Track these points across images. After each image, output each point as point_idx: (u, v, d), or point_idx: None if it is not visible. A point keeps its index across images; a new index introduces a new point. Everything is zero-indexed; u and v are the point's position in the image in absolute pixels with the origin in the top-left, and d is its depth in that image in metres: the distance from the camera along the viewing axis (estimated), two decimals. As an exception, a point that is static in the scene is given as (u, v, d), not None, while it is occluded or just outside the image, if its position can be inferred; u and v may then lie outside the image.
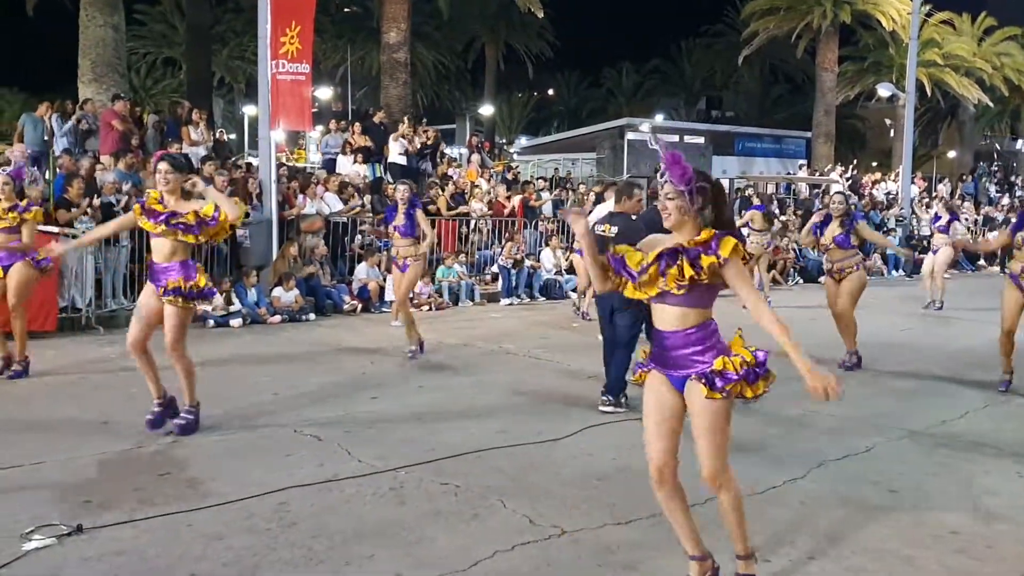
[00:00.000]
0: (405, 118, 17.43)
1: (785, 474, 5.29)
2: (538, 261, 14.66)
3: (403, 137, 16.04)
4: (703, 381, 3.54)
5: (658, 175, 3.60)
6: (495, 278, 14.37)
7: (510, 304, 13.44)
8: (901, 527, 4.54)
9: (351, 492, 4.87)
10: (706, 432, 3.63)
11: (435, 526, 4.44)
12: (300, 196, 13.11)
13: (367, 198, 14.12)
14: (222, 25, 32.98)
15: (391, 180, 14.44)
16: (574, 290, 14.70)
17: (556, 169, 25.22)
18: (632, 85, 51.73)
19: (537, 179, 19.51)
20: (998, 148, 40.50)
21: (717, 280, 3.52)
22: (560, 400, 7.18)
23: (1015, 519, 4.66)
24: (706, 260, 3.44)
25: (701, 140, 30.77)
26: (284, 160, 16.37)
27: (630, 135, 28.43)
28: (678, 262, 3.48)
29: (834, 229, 8.66)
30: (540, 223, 16.23)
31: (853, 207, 9.78)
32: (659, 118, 38.34)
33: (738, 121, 45.66)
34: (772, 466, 5.47)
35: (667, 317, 3.60)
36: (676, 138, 29.93)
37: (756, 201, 15.38)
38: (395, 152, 15.83)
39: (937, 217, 15.04)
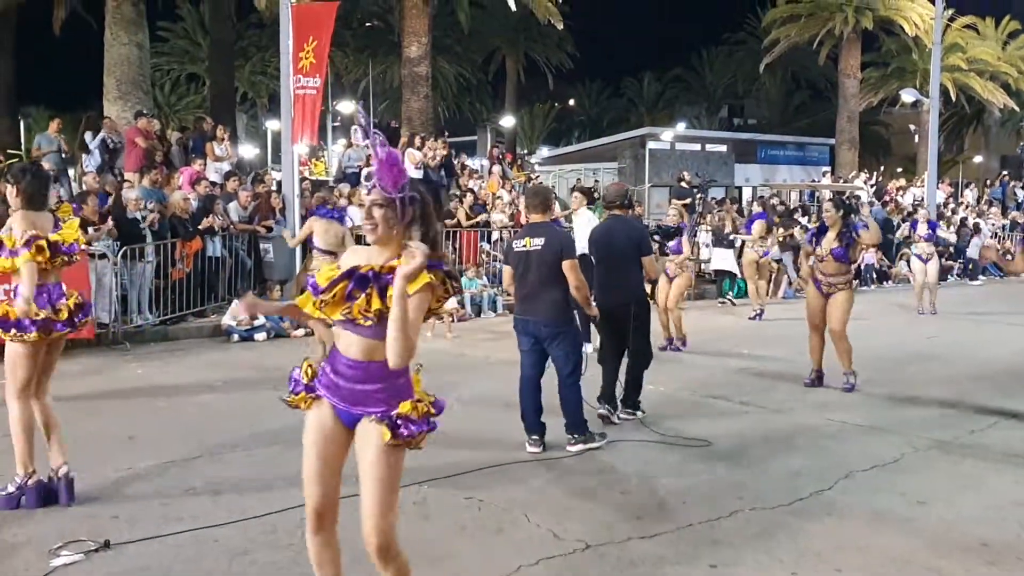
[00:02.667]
0: (416, 135, 17.49)
1: (812, 485, 5.25)
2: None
3: (416, 150, 16.09)
4: (386, 423, 3.06)
5: (363, 178, 3.21)
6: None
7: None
8: (929, 538, 4.48)
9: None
10: (378, 484, 3.14)
11: (459, 541, 4.43)
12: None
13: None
14: (244, 41, 33.30)
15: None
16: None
17: (578, 179, 25.19)
18: (653, 94, 51.66)
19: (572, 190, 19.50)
20: None
21: None
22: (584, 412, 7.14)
23: (1047, 531, 4.59)
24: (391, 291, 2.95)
25: (723, 148, 30.63)
26: (307, 174, 16.47)
27: (651, 144, 28.37)
28: (367, 290, 3.00)
29: (831, 240, 7.92)
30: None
31: (855, 217, 8.80)
32: (681, 126, 38.18)
33: (760, 129, 45.49)
34: (799, 477, 5.43)
35: (352, 346, 3.09)
36: (698, 147, 29.86)
37: (758, 209, 15.30)
38: (409, 166, 15.89)
39: (923, 224, 14.35)
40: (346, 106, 37.75)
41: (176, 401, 7.55)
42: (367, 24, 34.99)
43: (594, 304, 6.27)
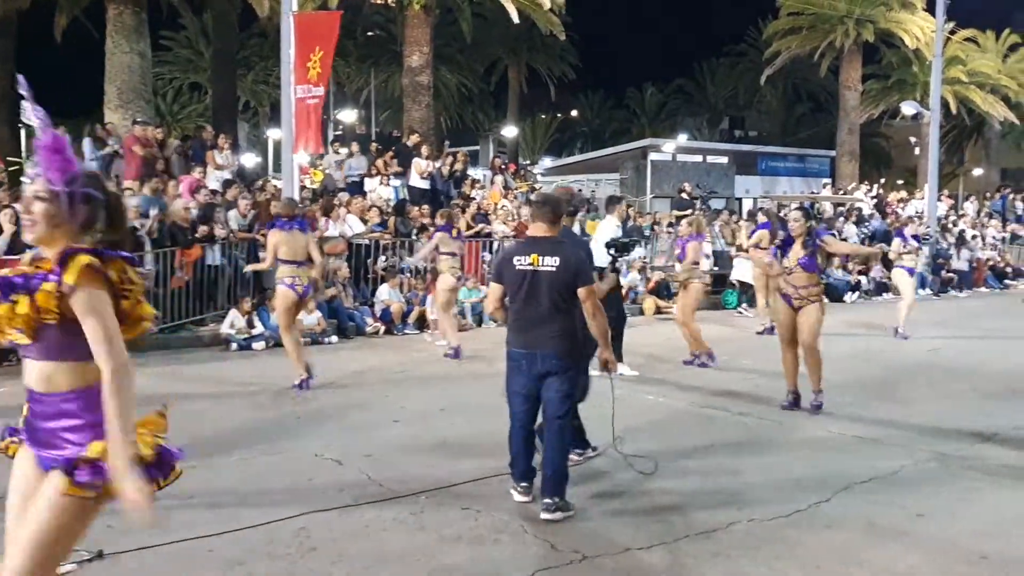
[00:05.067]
0: (425, 144, 17.51)
1: (811, 497, 5.22)
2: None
3: (426, 160, 16.13)
4: (62, 467, 2.53)
5: (28, 169, 2.66)
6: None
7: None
8: (929, 552, 4.45)
9: (371, 517, 4.85)
10: (40, 534, 2.55)
11: (456, 552, 4.41)
12: (323, 219, 13.18)
13: (391, 220, 14.17)
14: (247, 50, 33.38)
15: (412, 202, 14.53)
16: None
17: (580, 190, 25.21)
18: (655, 105, 51.79)
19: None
20: None
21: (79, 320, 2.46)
22: (595, 424, 7.11)
23: (1047, 544, 4.56)
24: (43, 291, 2.45)
25: (724, 160, 30.65)
26: (308, 183, 16.47)
27: (653, 156, 28.40)
28: (12, 296, 2.47)
29: (797, 251, 7.60)
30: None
31: (816, 223, 8.66)
32: (682, 138, 38.25)
33: (761, 140, 45.57)
34: (797, 489, 5.40)
35: (32, 373, 2.58)
36: (700, 158, 29.88)
37: (762, 219, 15.21)
38: (416, 176, 15.92)
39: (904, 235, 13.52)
40: (348, 115, 37.84)
41: (173, 410, 7.50)
42: (369, 33, 35.11)
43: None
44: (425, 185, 16.04)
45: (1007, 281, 21.97)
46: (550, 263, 4.95)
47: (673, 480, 5.58)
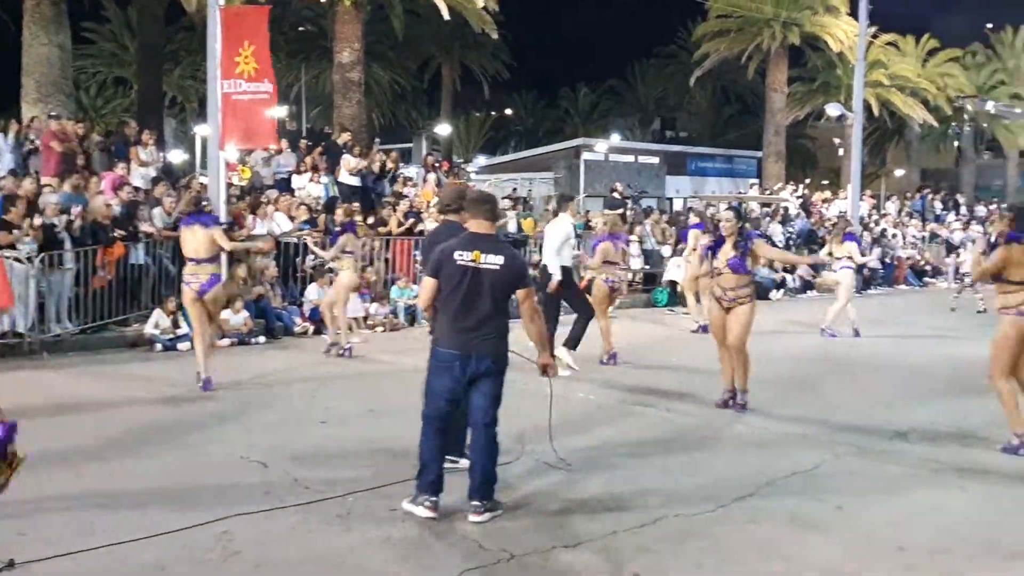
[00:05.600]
0: (355, 141, 17.35)
1: (735, 492, 5.31)
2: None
3: (356, 157, 15.97)
4: None
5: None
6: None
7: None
8: (848, 543, 4.57)
9: (297, 519, 4.79)
10: None
11: (383, 553, 4.37)
12: (250, 216, 12.96)
13: (321, 218, 13.99)
14: (174, 44, 32.63)
15: (341, 200, 14.36)
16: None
17: (515, 188, 25.29)
18: (588, 105, 52.19)
19: (503, 198, 19.57)
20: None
21: None
22: (513, 422, 7.12)
23: (958, 534, 4.71)
24: None
25: (656, 160, 31.07)
26: (236, 180, 16.18)
27: (586, 155, 28.63)
28: None
29: (727, 252, 7.54)
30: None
31: (748, 226, 8.61)
32: (615, 138, 38.62)
33: (691, 141, 46.26)
34: (723, 484, 5.48)
35: None
36: (631, 158, 30.24)
37: (694, 219, 15.44)
38: (344, 172, 15.73)
39: (857, 238, 14.00)
40: (278, 111, 37.22)
41: (94, 412, 7.32)
42: (299, 29, 34.65)
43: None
44: (355, 182, 15.86)
45: (926, 279, 22.68)
46: (493, 261, 4.78)
47: (602, 477, 5.62)
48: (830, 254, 12.98)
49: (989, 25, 43.30)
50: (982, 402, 8.05)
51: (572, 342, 9.28)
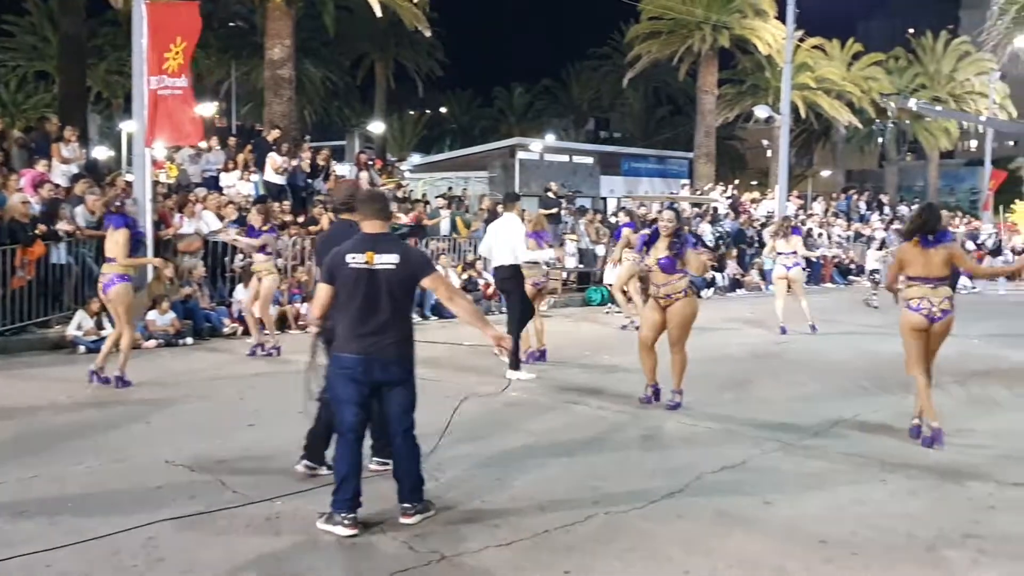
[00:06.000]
0: (283, 138, 17.12)
1: (664, 488, 5.38)
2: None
3: (282, 155, 15.75)
4: None
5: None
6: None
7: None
8: (773, 537, 4.66)
9: (224, 524, 4.71)
10: None
11: (313, 557, 4.33)
12: (177, 215, 12.69)
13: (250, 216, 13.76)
14: (99, 38, 31.80)
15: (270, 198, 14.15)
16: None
17: (450, 187, 25.25)
18: (523, 105, 52.38)
19: (437, 197, 19.52)
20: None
21: None
22: (442, 421, 7.11)
23: (879, 526, 4.84)
24: None
25: (590, 160, 31.28)
26: (164, 178, 15.83)
27: (521, 154, 28.69)
28: None
29: (660, 250, 7.51)
30: (431, 241, 16.20)
31: (687, 228, 8.61)
32: (550, 138, 38.84)
33: (624, 142, 46.76)
34: (652, 480, 5.55)
35: None
36: (566, 158, 30.38)
37: (624, 219, 15.64)
38: (269, 171, 15.50)
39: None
40: (207, 108, 36.54)
41: (13, 416, 7.10)
42: (230, 24, 34.07)
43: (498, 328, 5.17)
44: (280, 181, 15.64)
45: (851, 277, 23.29)
46: (388, 260, 4.61)
47: (532, 476, 5.64)
48: (773, 251, 13.37)
49: (911, 30, 44.73)
50: (903, 396, 8.32)
51: (512, 363, 8.93)
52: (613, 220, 16.50)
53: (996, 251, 24.01)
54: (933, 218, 6.65)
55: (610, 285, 16.59)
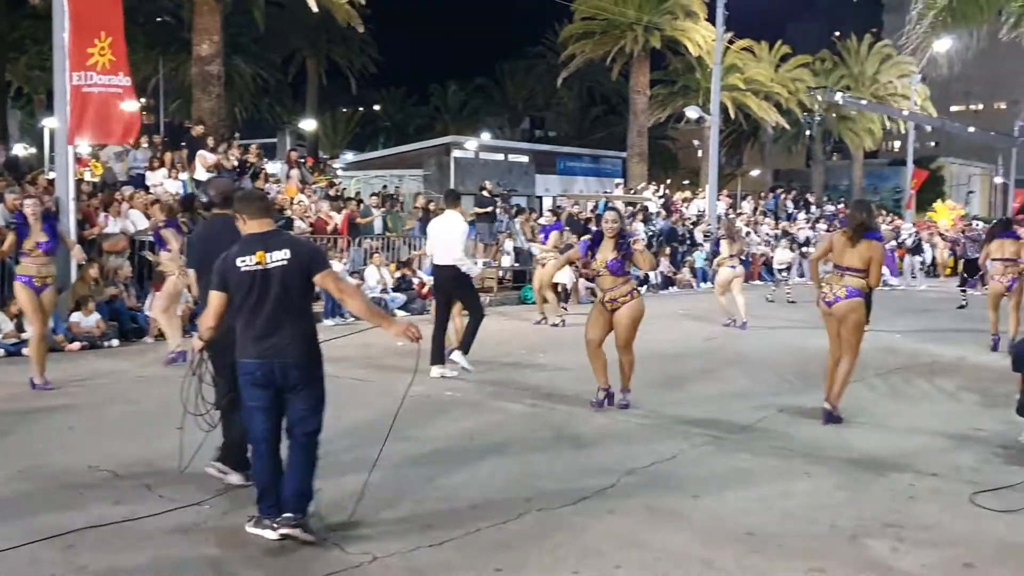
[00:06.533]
0: (211, 135, 16.83)
1: (596, 484, 5.43)
2: (362, 279, 14.46)
3: (212, 152, 15.47)
4: None
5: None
6: (316, 298, 14.04)
7: (333, 324, 13.14)
8: (702, 530, 4.74)
9: (150, 530, 4.61)
10: None
11: (241, 561, 4.27)
12: (103, 214, 12.38)
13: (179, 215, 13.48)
14: (18, 32, 30.79)
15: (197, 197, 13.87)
16: (400, 308, 14.62)
17: (384, 186, 25.10)
18: (458, 103, 52.32)
19: (371, 196, 19.37)
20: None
21: None
22: (379, 421, 7.07)
23: (803, 517, 4.96)
24: None
25: (525, 159, 31.43)
26: (89, 176, 15.43)
27: (456, 153, 28.68)
28: None
29: (607, 252, 7.40)
30: (364, 240, 16.08)
31: (630, 226, 8.62)
32: (485, 136, 38.86)
33: (559, 141, 47.08)
34: (584, 475, 5.60)
35: None
36: (501, 156, 30.47)
37: (551, 219, 15.84)
38: (201, 168, 15.22)
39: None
40: (134, 104, 35.67)
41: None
42: (157, 20, 33.32)
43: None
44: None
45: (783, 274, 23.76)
46: (280, 257, 4.43)
47: (465, 475, 5.65)
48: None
49: (837, 33, 45.93)
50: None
51: (465, 345, 9.09)
52: (542, 221, 16.55)
53: (916, 249, 24.75)
54: (869, 217, 7.19)
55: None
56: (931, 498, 5.35)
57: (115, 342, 10.90)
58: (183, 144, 16.20)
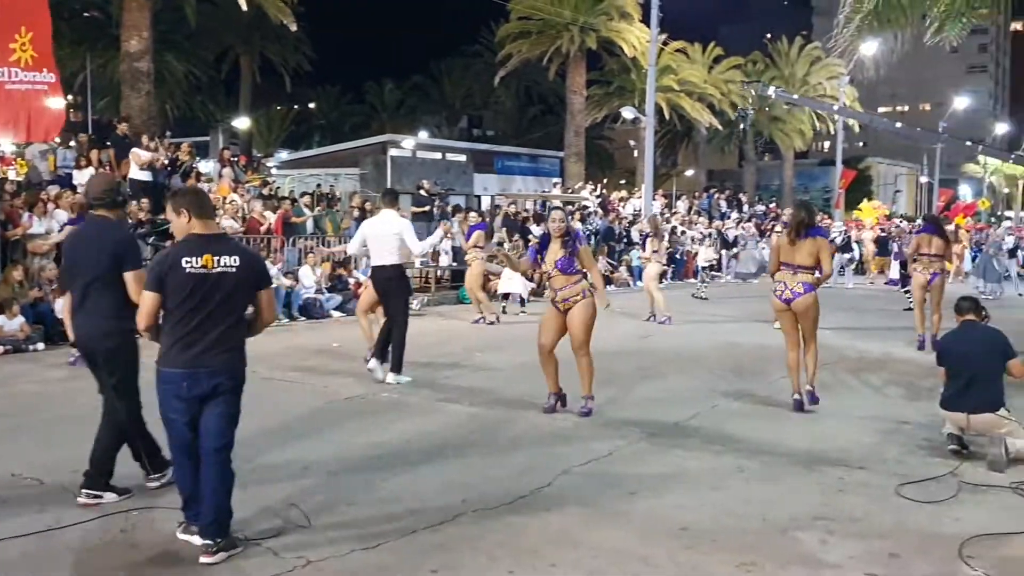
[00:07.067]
0: (144, 133, 16.45)
1: (533, 483, 5.45)
2: (296, 280, 14.28)
3: (146, 151, 15.12)
4: None
5: None
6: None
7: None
8: (637, 527, 4.79)
9: (75, 537, 4.49)
10: None
11: (170, 568, 4.18)
12: (27, 214, 12.01)
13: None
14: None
15: (132, 196, 13.55)
16: (336, 308, 14.48)
17: (319, 185, 24.81)
18: (394, 101, 52.02)
19: (302, 195, 19.10)
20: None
21: None
22: (315, 423, 7.00)
23: (736, 512, 5.05)
24: None
25: (463, 158, 31.35)
26: (14, 175, 14.94)
27: (393, 151, 28.49)
28: None
29: (556, 252, 7.32)
30: (299, 240, 15.88)
31: (576, 224, 8.59)
32: (423, 135, 38.72)
33: (497, 140, 47.11)
34: (522, 476, 5.61)
35: None
36: (439, 155, 30.36)
37: (475, 219, 15.94)
38: (134, 167, 14.87)
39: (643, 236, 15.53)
40: (61, 101, 34.71)
41: None
42: (84, 14, 32.45)
43: None
44: (146, 177, 15.01)
45: (712, 273, 24.15)
46: (228, 263, 4.27)
47: (402, 477, 5.61)
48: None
49: (768, 36, 46.85)
50: (759, 386, 8.71)
51: (397, 364, 8.65)
52: (472, 218, 16.46)
53: (845, 247, 25.34)
54: (809, 215, 7.75)
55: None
56: (859, 491, 5.48)
57: (40, 345, 10.58)
58: (108, 143, 15.78)
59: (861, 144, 73.07)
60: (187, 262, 4.22)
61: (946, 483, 5.61)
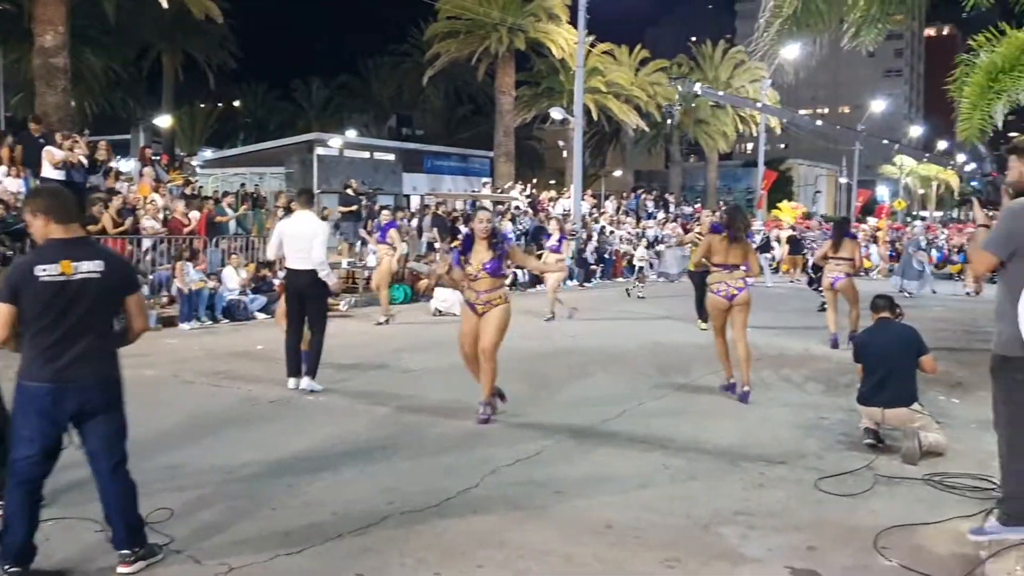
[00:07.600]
0: (58, 131, 15.95)
1: (460, 484, 5.44)
2: (220, 281, 14.00)
3: (58, 149, 14.64)
4: None
5: None
6: (172, 300, 13.53)
7: (191, 328, 12.69)
8: (563, 526, 4.82)
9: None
10: None
11: (87, 569, 4.07)
12: (-66, 214, 11.55)
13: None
14: None
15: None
16: (260, 310, 14.24)
17: (243, 184, 24.39)
18: (322, 99, 51.45)
19: (225, 195, 18.73)
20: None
21: None
22: (238, 427, 6.88)
23: (661, 509, 5.12)
24: None
25: (391, 157, 31.19)
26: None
27: (320, 150, 28.19)
28: None
29: (482, 254, 7.05)
30: (222, 240, 15.59)
31: (501, 225, 8.49)
32: (351, 133, 38.34)
33: (427, 139, 46.94)
34: (448, 477, 5.60)
35: None
36: (367, 154, 30.14)
37: (387, 218, 15.92)
38: (48, 166, 14.38)
39: (548, 235, 15.92)
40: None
41: None
42: (-3, 7, 31.29)
43: None
44: (60, 176, 14.52)
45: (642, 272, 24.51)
46: (91, 269, 3.97)
47: (326, 481, 5.55)
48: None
49: (693, 39, 47.64)
50: (683, 384, 8.85)
51: (312, 370, 8.36)
52: (382, 218, 16.32)
53: (765, 247, 25.91)
54: (741, 218, 8.47)
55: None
56: (779, 486, 5.61)
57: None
58: (19, 140, 15.22)
59: (783, 146, 74.83)
60: (42, 270, 3.90)
61: (863, 476, 5.79)
